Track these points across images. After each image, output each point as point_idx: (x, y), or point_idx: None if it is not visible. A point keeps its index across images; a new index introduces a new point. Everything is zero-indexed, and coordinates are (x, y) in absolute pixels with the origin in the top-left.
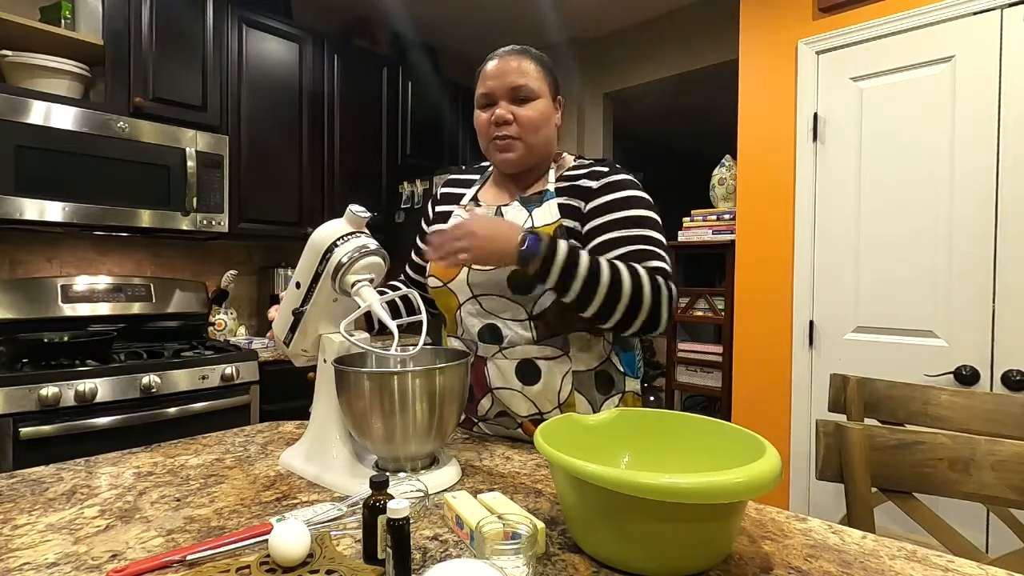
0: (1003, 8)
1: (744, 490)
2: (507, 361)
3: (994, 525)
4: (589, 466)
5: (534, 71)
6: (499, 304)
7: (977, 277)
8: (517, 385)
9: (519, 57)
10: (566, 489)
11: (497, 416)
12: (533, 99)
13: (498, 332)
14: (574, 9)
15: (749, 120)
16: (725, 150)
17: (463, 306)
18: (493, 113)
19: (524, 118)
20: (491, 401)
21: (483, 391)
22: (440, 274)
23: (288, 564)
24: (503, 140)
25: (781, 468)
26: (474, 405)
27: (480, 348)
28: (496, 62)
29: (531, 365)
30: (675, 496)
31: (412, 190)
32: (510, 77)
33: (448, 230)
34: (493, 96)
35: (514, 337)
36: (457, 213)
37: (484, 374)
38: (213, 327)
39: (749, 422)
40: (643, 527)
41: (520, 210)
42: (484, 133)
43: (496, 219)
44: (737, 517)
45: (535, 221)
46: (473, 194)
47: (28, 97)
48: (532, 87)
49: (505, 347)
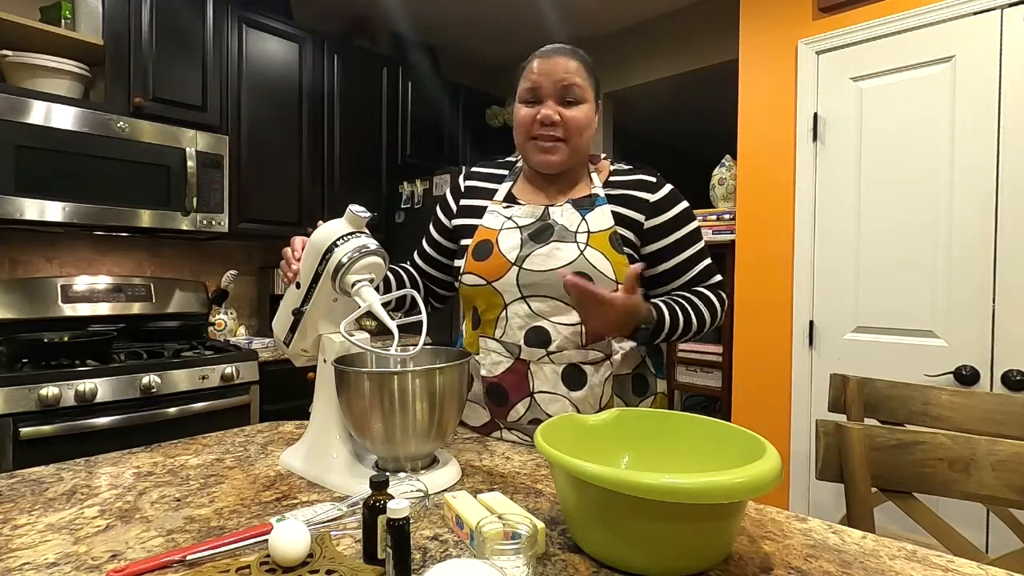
0: (1003, 8)
1: (744, 490)
2: (553, 365)
3: (994, 525)
4: (589, 466)
5: (583, 72)
6: (550, 306)
7: (977, 277)
8: (562, 390)
9: (568, 56)
10: (566, 489)
11: (530, 423)
12: (580, 101)
13: (546, 335)
14: (574, 9)
15: (749, 120)
16: (725, 150)
17: (509, 307)
18: (539, 111)
19: (571, 120)
20: (527, 406)
21: (521, 395)
22: (484, 272)
23: (288, 564)
24: (548, 142)
25: (781, 468)
26: (505, 409)
27: (523, 351)
28: (546, 58)
29: (577, 370)
30: (675, 496)
31: (412, 190)
32: (559, 75)
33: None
34: (539, 92)
35: (562, 341)
36: (492, 209)
37: (527, 378)
38: (213, 327)
39: (749, 422)
40: (643, 527)
41: (573, 212)
42: (525, 129)
43: (630, 313)
44: (737, 517)
45: (589, 226)
46: (507, 191)
47: (28, 97)
48: (581, 88)
49: (552, 351)
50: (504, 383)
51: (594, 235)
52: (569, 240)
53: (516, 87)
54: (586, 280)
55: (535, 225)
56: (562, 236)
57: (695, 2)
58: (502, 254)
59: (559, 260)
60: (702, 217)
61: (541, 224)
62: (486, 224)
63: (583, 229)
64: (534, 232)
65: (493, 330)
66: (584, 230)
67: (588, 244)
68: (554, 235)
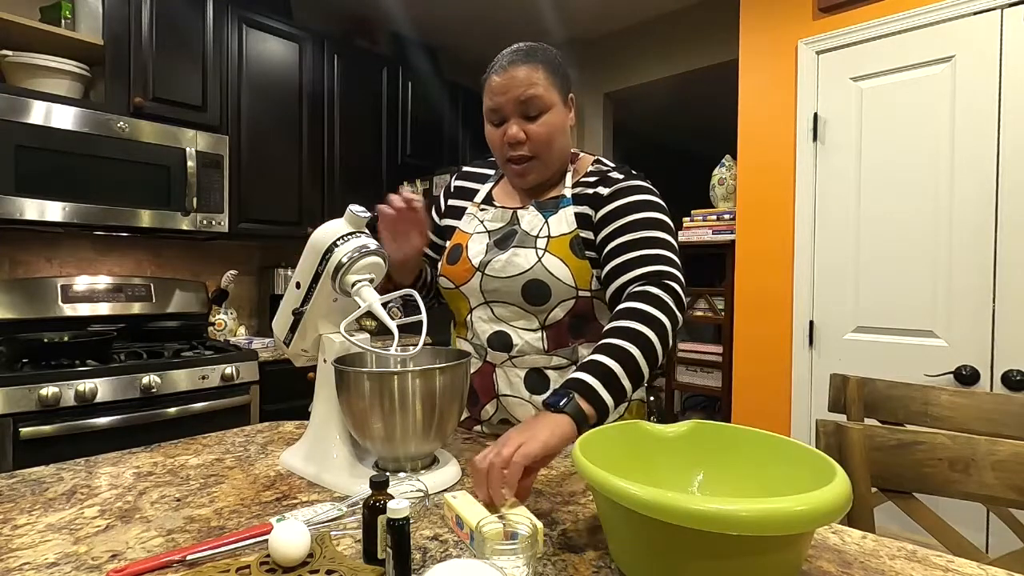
0: (1003, 8)
1: (805, 520)
2: (516, 369)
3: (994, 525)
4: (623, 484)
5: (542, 78)
6: (511, 312)
7: (977, 277)
8: (525, 394)
9: (525, 64)
10: (605, 509)
11: (500, 423)
12: (544, 111)
13: (508, 340)
14: (574, 9)
15: (749, 120)
16: (725, 150)
17: (474, 311)
18: (505, 131)
19: (536, 135)
20: (495, 407)
21: (489, 397)
22: (453, 276)
23: (288, 564)
24: (519, 163)
25: (850, 496)
26: (478, 409)
27: (489, 354)
28: (502, 75)
29: (540, 375)
30: (724, 526)
31: (412, 190)
32: (518, 90)
33: (478, 466)
34: (502, 112)
35: (524, 346)
36: (470, 211)
37: (492, 380)
38: (213, 327)
39: (749, 422)
40: (692, 562)
41: (536, 215)
42: (498, 150)
43: (523, 425)
44: (799, 548)
45: (551, 229)
46: (486, 193)
47: (28, 97)
48: (542, 98)
49: (514, 355)
50: (474, 383)
51: (554, 240)
52: (528, 245)
53: (483, 99)
54: None
55: (502, 230)
56: (522, 241)
57: (695, 2)
58: (469, 259)
59: (517, 267)
60: (702, 217)
61: (508, 229)
62: (462, 227)
63: (544, 233)
64: (500, 238)
65: (466, 331)
66: (545, 234)
67: (547, 250)
68: (515, 241)
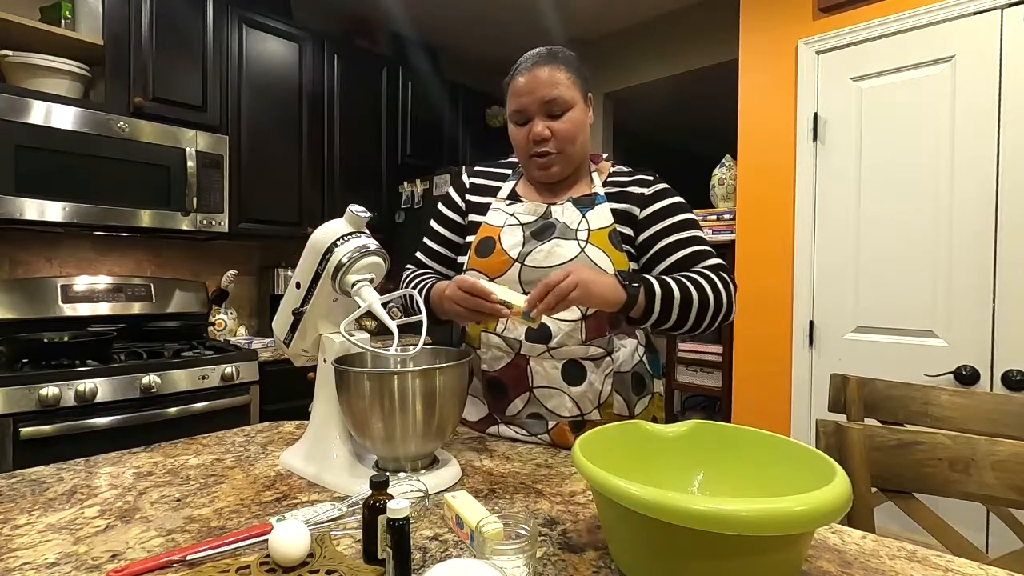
0: (1003, 8)
1: (804, 520)
2: (553, 361)
3: (994, 525)
4: (623, 484)
5: (564, 78)
6: None
7: (977, 277)
8: (563, 385)
9: (548, 65)
10: (605, 509)
11: (529, 417)
12: (567, 109)
13: (547, 331)
14: (574, 9)
15: (749, 120)
16: (725, 150)
17: None
18: (530, 130)
19: (561, 132)
20: (526, 401)
21: (520, 390)
22: (486, 268)
23: (288, 564)
24: (543, 157)
25: (850, 496)
26: (503, 404)
27: (524, 347)
28: (526, 76)
29: (577, 365)
30: (724, 526)
31: (412, 190)
32: (542, 91)
33: (553, 278)
34: (527, 112)
35: (563, 337)
36: (496, 207)
37: (526, 373)
38: (213, 327)
39: (749, 422)
40: (692, 562)
41: (573, 211)
42: (523, 149)
43: (594, 275)
44: (798, 549)
45: (590, 224)
46: (511, 189)
47: (28, 97)
48: (565, 97)
49: (553, 347)
50: (503, 378)
51: (594, 232)
52: (570, 237)
53: (506, 102)
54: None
55: (537, 223)
56: (563, 233)
57: (695, 2)
58: (504, 251)
59: (560, 257)
60: (702, 217)
61: (543, 222)
62: (489, 221)
63: (583, 227)
64: (536, 230)
65: (495, 325)
66: (585, 228)
67: (588, 241)
68: (555, 232)
